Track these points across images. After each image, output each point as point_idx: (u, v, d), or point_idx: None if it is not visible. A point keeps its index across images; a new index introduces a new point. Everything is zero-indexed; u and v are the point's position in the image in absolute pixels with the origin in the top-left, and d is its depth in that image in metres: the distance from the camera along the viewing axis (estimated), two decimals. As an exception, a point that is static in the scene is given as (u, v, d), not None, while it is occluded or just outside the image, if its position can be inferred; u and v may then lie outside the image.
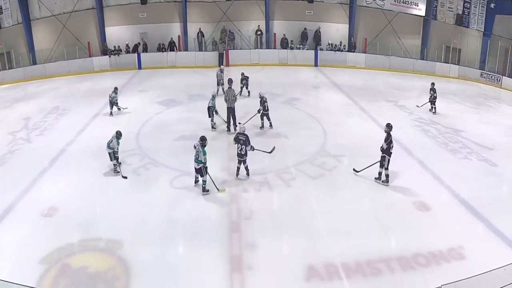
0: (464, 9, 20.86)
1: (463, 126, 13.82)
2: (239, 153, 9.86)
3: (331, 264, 7.15)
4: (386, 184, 9.80)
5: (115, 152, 10.30)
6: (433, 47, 22.34)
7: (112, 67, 22.22)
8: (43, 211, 8.69)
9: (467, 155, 11.61)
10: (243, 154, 9.85)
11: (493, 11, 19.58)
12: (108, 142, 10.31)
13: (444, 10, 21.77)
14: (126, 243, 7.68)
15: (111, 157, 10.37)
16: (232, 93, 13.02)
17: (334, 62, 22.87)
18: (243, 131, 10.02)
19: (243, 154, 9.85)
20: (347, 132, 13.26)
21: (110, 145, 10.28)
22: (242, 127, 10.22)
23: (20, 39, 21.39)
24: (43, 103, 16.50)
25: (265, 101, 13.07)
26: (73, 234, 7.90)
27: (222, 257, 7.37)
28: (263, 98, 13.10)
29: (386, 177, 9.81)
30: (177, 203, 9.13)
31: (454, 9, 21.33)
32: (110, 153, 10.34)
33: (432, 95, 15.23)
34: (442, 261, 7.20)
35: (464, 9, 20.84)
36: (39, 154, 11.63)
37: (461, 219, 8.53)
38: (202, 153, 9.20)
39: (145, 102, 16.38)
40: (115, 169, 10.39)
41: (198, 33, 23.23)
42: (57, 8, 21.91)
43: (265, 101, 13.05)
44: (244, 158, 9.91)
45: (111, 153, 10.32)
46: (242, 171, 10.11)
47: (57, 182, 10.04)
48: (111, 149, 10.28)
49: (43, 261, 7.16)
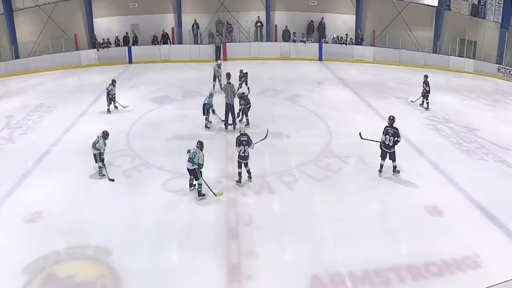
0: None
1: (478, 125, 13.82)
2: (242, 155, 9.83)
3: (337, 273, 7.15)
4: (398, 174, 10.34)
5: (101, 154, 10.21)
6: (446, 39, 22.35)
7: (101, 61, 22.23)
8: (26, 216, 8.68)
9: (483, 156, 11.61)
10: (246, 156, 9.85)
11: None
12: (94, 143, 10.24)
13: (459, 0, 21.78)
14: (115, 250, 7.67)
15: (96, 159, 10.30)
16: (231, 89, 13.07)
17: (340, 56, 22.90)
18: (244, 131, 10.03)
19: (246, 156, 9.85)
20: (354, 131, 13.19)
21: (96, 146, 10.20)
22: (243, 127, 10.26)
23: (1, 31, 21.40)
24: (26, 100, 16.50)
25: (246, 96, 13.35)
26: (59, 240, 7.89)
27: (219, 266, 7.36)
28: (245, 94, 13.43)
29: (394, 168, 10.36)
30: (170, 208, 9.13)
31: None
32: (95, 154, 10.25)
33: (424, 89, 15.22)
34: (456, 270, 7.19)
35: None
36: (22, 154, 11.63)
37: (476, 225, 8.53)
38: (202, 156, 9.24)
39: (136, 99, 16.38)
40: (101, 172, 10.33)
41: (193, 24, 23.25)
42: (41, -3, 21.92)
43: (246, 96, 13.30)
44: (247, 160, 9.91)
45: (96, 155, 10.23)
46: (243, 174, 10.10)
47: (41, 184, 10.03)
48: (97, 150, 10.20)
49: (26, 270, 7.15)
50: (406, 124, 13.68)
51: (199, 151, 9.29)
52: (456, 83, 19.25)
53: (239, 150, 9.82)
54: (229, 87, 13.08)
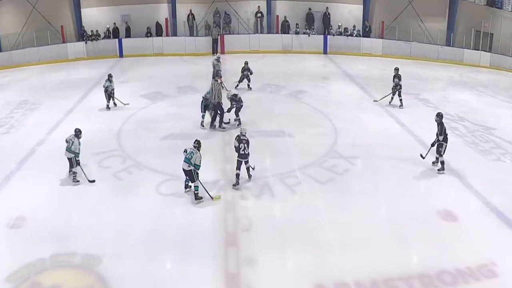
0: (496, -13, 20.89)
1: (495, 123, 13.84)
2: (242, 153, 9.92)
3: (343, 282, 7.15)
4: (442, 172, 10.49)
5: (76, 156, 10.01)
6: (460, 31, 22.37)
7: (89, 55, 22.26)
8: (9, 221, 8.66)
9: (500, 157, 11.63)
10: (247, 154, 9.96)
11: (531, -11, 19.61)
12: (68, 146, 9.99)
13: (474, -11, 21.81)
14: (105, 258, 7.66)
15: (72, 164, 10.06)
16: (217, 87, 13.05)
17: (346, 49, 22.94)
18: (245, 132, 10.12)
19: (247, 154, 9.96)
20: (361, 130, 13.28)
21: (71, 149, 9.96)
22: (244, 128, 10.41)
23: (-18, 22, 21.39)
24: (9, 96, 16.50)
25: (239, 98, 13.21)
26: (44, 248, 7.88)
27: (216, 275, 7.36)
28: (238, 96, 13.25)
29: (442, 164, 10.56)
30: (164, 212, 9.14)
31: (485, -13, 21.37)
32: (71, 158, 10.01)
33: (396, 84, 14.76)
34: (471, 279, 7.19)
35: (497, -12, 20.87)
36: (4, 155, 11.63)
37: (493, 231, 8.53)
38: (199, 157, 9.26)
39: (127, 95, 16.34)
40: (74, 178, 10.09)
41: (189, 15, 23.27)
42: (25, -14, 21.92)
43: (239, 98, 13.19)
44: (247, 158, 10.01)
45: (72, 159, 10.00)
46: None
47: (25, 187, 10.02)
48: (73, 153, 9.96)
49: (9, 279, 7.14)
50: (417, 122, 13.74)
51: (196, 152, 9.30)
52: (471, 78, 19.27)
53: (239, 148, 9.87)
54: (215, 85, 13.04)
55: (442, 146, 10.56)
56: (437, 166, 10.71)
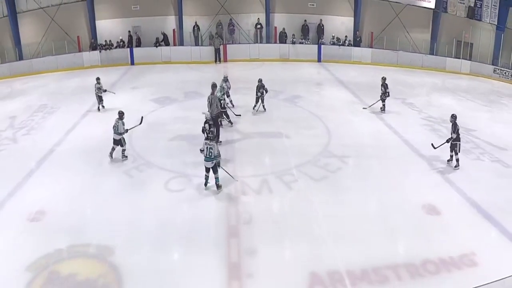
0: (476, 1, 20.83)
1: (475, 125, 13.81)
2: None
3: (335, 271, 7.14)
4: (457, 167, 10.65)
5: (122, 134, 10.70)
6: (443, 41, 22.36)
7: (103, 63, 22.24)
8: (29, 215, 8.67)
9: (479, 156, 11.61)
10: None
11: (507, 3, 19.56)
12: (116, 128, 10.62)
13: (455, 2, 21.78)
14: (117, 249, 7.66)
15: (122, 143, 10.76)
16: (215, 101, 11.80)
17: (339, 57, 22.91)
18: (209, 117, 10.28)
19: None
20: (352, 132, 13.27)
21: (119, 130, 10.60)
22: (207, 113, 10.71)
23: (5, 33, 21.40)
24: (30, 101, 16.49)
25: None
26: (62, 239, 7.88)
27: (219, 264, 7.35)
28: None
29: (457, 161, 10.71)
30: (172, 207, 9.12)
31: (466, 1, 21.33)
32: (120, 139, 10.68)
33: (384, 92, 14.60)
34: (453, 268, 7.19)
35: (476, 1, 20.81)
36: (25, 154, 11.62)
37: (473, 224, 8.52)
38: (217, 148, 9.39)
39: (138, 100, 16.38)
40: (124, 155, 10.89)
41: (194, 26, 23.25)
42: (44, 0, 21.90)
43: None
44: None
45: (121, 139, 10.68)
46: None
47: (44, 184, 10.02)
48: (120, 134, 10.63)
49: (29, 268, 7.15)
50: (404, 124, 13.74)
51: (213, 145, 9.33)
52: (453, 84, 19.25)
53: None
54: (213, 99, 11.78)
55: (456, 146, 10.65)
56: (452, 163, 10.80)
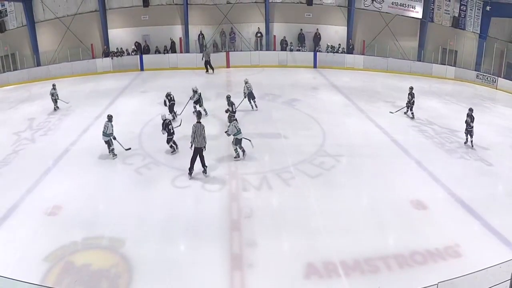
0: (460, 11, 20.82)
1: (459, 127, 13.73)
2: None
3: (330, 261, 7.15)
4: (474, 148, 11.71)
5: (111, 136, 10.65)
6: (430, 49, 22.32)
7: (115, 69, 22.17)
8: (47, 210, 8.68)
9: (463, 155, 11.60)
10: None
11: (489, 13, 19.53)
12: (104, 131, 10.57)
13: (441, 13, 21.75)
14: (128, 241, 7.68)
15: (110, 144, 10.70)
16: (201, 130, 9.96)
17: (333, 63, 22.84)
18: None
19: None
20: (345, 132, 13.25)
21: (107, 133, 10.53)
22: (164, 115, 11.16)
23: (24, 41, 21.38)
24: (47, 104, 16.42)
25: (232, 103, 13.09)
26: (76, 232, 7.91)
27: (222, 255, 7.37)
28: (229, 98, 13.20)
29: (471, 142, 11.92)
30: (178, 202, 9.14)
31: (451, 11, 21.31)
32: (108, 140, 10.60)
33: (410, 100, 14.53)
34: (438, 259, 7.20)
35: (460, 12, 20.80)
36: (43, 153, 11.62)
37: (457, 218, 8.53)
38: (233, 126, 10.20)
39: (147, 103, 16.37)
40: (113, 153, 10.86)
41: (199, 35, 23.23)
42: (61, 10, 21.89)
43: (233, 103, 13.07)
44: None
45: (109, 140, 10.60)
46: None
47: (60, 181, 10.03)
48: (108, 136, 10.56)
49: (47, 259, 7.17)
50: (393, 125, 13.72)
51: (231, 125, 10.12)
52: (439, 89, 19.22)
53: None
54: (199, 128, 9.96)
55: (472, 131, 11.86)
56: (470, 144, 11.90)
